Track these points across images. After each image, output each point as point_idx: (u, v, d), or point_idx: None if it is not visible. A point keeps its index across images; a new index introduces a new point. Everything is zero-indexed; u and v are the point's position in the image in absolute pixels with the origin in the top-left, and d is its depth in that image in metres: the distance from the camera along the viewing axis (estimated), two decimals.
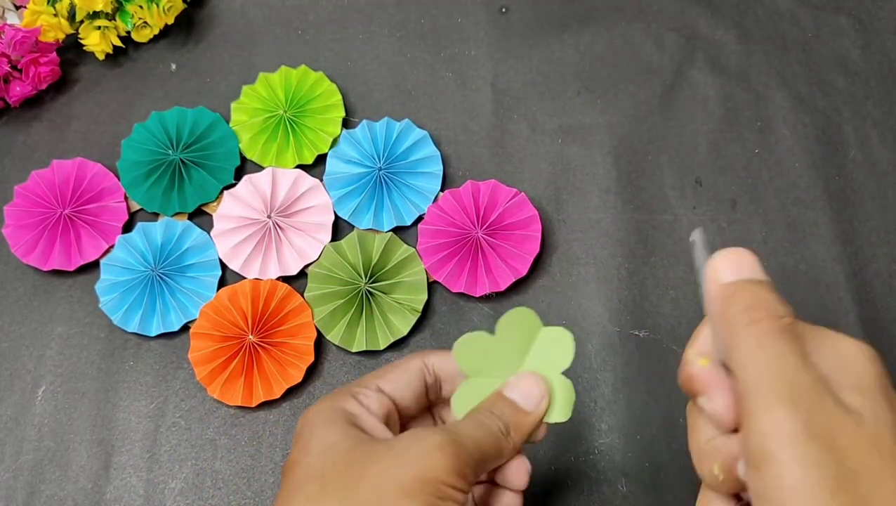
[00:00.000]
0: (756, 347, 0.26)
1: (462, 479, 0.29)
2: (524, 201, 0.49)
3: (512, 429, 0.32)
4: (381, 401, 0.33)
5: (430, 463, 0.28)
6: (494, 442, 0.31)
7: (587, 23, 0.57)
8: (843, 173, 0.52)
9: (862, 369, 0.27)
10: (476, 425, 0.31)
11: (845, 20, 0.56)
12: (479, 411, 0.32)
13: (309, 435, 0.31)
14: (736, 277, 0.28)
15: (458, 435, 0.30)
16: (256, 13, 0.57)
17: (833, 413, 0.25)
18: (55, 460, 0.46)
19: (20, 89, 0.53)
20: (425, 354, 0.34)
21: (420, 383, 0.34)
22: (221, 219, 0.50)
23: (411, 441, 0.29)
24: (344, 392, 0.32)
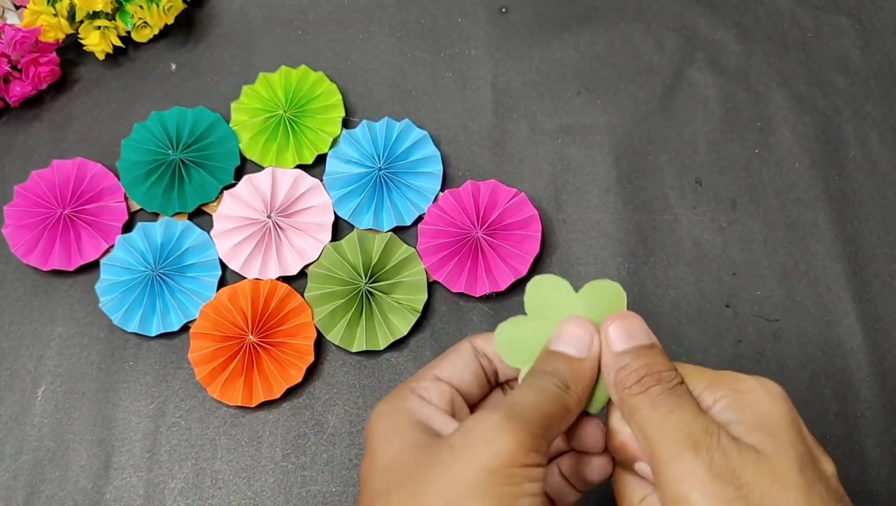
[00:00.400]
0: (650, 410, 0.28)
1: (534, 452, 0.27)
2: (524, 201, 0.49)
3: (571, 382, 0.30)
4: (441, 389, 0.31)
5: (493, 451, 0.26)
6: (557, 402, 0.29)
7: (587, 23, 0.57)
8: (843, 173, 0.52)
9: (766, 408, 0.28)
10: (532, 389, 0.29)
11: (845, 20, 0.56)
12: (531, 375, 0.30)
13: (373, 448, 0.29)
14: (625, 344, 0.30)
15: (516, 407, 0.28)
16: (256, 13, 0.57)
17: (732, 452, 0.27)
18: (55, 460, 0.46)
19: (20, 89, 0.53)
20: (472, 339, 0.33)
21: (476, 364, 0.33)
22: (221, 219, 0.50)
23: (468, 430, 0.27)
24: (402, 389, 0.31)
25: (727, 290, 0.49)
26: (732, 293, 0.49)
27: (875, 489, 0.45)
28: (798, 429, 0.28)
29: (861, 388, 0.47)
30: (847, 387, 0.47)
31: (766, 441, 0.27)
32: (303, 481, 0.46)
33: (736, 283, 0.50)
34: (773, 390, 0.29)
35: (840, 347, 0.48)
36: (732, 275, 0.50)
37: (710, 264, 0.50)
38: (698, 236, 0.51)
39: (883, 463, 0.45)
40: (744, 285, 0.49)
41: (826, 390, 0.47)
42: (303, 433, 0.47)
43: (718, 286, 0.50)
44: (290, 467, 0.46)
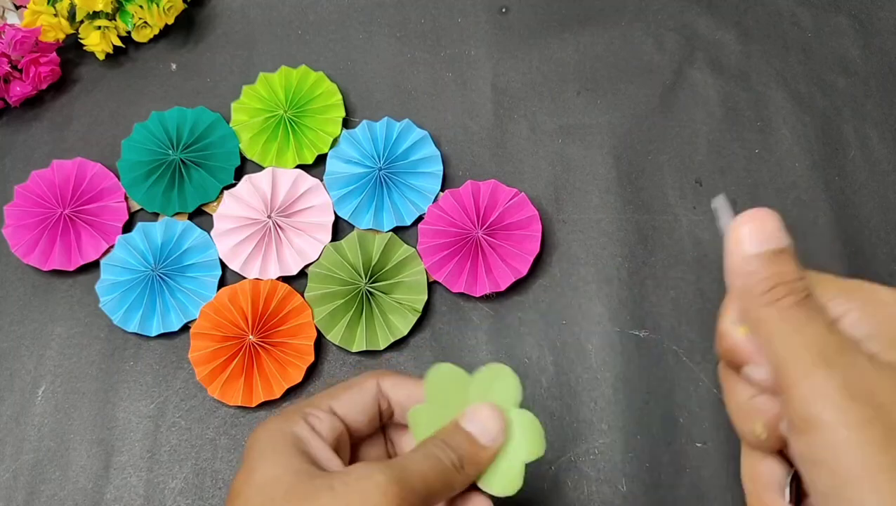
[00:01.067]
0: (780, 322, 0.27)
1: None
2: (524, 201, 0.49)
3: (466, 463, 0.31)
4: (333, 424, 0.32)
5: (370, 502, 0.27)
6: (445, 476, 0.30)
7: (587, 23, 0.57)
8: (843, 173, 0.52)
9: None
10: (426, 457, 0.30)
11: (845, 20, 0.56)
12: (432, 442, 0.31)
13: (253, 462, 0.30)
14: (757, 248, 0.28)
15: (404, 471, 0.28)
16: (256, 13, 0.57)
17: (869, 371, 0.25)
18: (55, 460, 0.46)
19: (20, 89, 0.53)
20: (380, 376, 0.34)
21: (374, 405, 0.33)
22: (221, 219, 0.50)
23: (353, 480, 0.28)
24: (295, 412, 0.32)
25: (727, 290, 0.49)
26: None
27: None
28: None
29: None
30: None
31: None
32: None
33: None
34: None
35: None
36: None
37: (711, 264, 0.50)
38: (698, 236, 0.51)
39: None
40: None
41: None
42: None
43: (719, 286, 0.49)
44: None
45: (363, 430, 0.33)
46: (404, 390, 0.33)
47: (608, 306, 0.49)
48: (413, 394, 0.33)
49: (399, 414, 0.34)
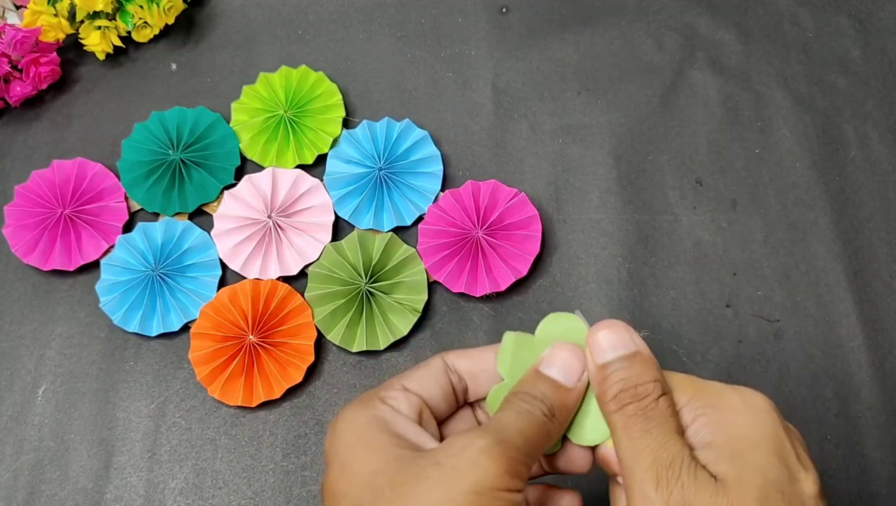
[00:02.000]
0: (622, 431, 0.28)
1: (516, 477, 0.27)
2: (524, 201, 0.49)
3: (556, 409, 0.29)
4: (410, 400, 0.31)
5: (479, 473, 0.26)
6: (540, 428, 0.29)
7: (587, 22, 0.57)
8: (843, 173, 0.52)
9: (743, 427, 0.28)
10: (519, 413, 0.29)
11: (846, 20, 0.56)
12: (518, 396, 0.30)
13: (346, 456, 0.29)
14: (607, 355, 0.30)
15: (503, 432, 0.28)
16: (257, 13, 0.57)
17: (690, 487, 0.26)
18: (55, 460, 0.46)
19: (20, 89, 0.53)
20: (445, 355, 0.33)
21: (446, 380, 0.32)
22: (222, 219, 0.50)
23: (457, 450, 0.27)
24: (371, 397, 0.31)
25: (727, 290, 0.49)
26: (733, 293, 0.49)
27: (875, 490, 0.45)
28: (777, 447, 0.28)
29: (861, 388, 0.47)
30: (847, 387, 0.47)
31: (731, 470, 0.27)
32: (303, 481, 0.46)
33: (736, 283, 0.50)
34: (755, 405, 0.29)
35: (840, 347, 0.48)
36: (733, 275, 0.50)
37: (711, 264, 0.50)
38: (699, 236, 0.51)
39: (883, 464, 0.45)
40: (744, 286, 0.49)
41: (826, 390, 0.47)
42: (303, 433, 0.47)
43: (719, 286, 0.50)
44: (290, 467, 0.46)
45: (441, 407, 0.32)
46: (467, 359, 0.32)
47: (608, 306, 0.49)
48: (478, 361, 0.32)
49: (473, 387, 0.33)
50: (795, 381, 0.47)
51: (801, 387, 0.47)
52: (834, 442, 0.46)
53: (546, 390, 0.30)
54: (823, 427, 0.46)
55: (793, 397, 0.47)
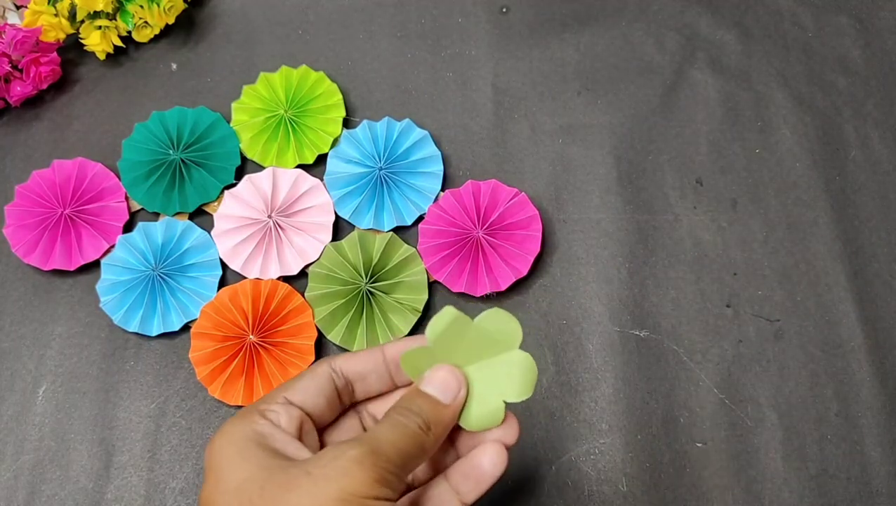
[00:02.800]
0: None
1: (386, 487, 0.28)
2: (525, 201, 0.49)
3: (432, 424, 0.31)
4: (291, 414, 0.31)
5: (348, 480, 0.27)
6: (415, 441, 0.30)
7: (588, 22, 0.57)
8: (843, 173, 0.52)
9: None
10: (393, 426, 0.30)
11: (846, 20, 0.56)
12: (395, 411, 0.31)
13: (220, 468, 0.29)
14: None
15: (375, 442, 0.29)
16: (257, 13, 0.57)
17: None
18: (56, 460, 0.46)
19: (21, 89, 0.53)
20: (331, 360, 0.33)
21: (330, 387, 0.33)
22: (222, 219, 0.50)
23: (329, 460, 0.28)
24: (250, 411, 0.31)
25: (728, 290, 0.49)
26: (733, 293, 0.49)
27: (875, 489, 0.45)
28: None
29: (861, 388, 0.47)
30: (848, 387, 0.47)
31: None
32: None
33: (736, 283, 0.50)
34: None
35: (841, 347, 0.48)
36: (733, 275, 0.50)
37: (711, 264, 0.50)
38: (699, 236, 0.51)
39: (883, 463, 0.46)
40: (744, 285, 0.49)
41: (827, 390, 0.47)
42: None
43: (719, 286, 0.50)
44: None
45: (325, 415, 0.33)
46: (356, 361, 0.33)
47: (608, 306, 0.49)
48: (367, 362, 0.33)
49: (361, 388, 0.34)
50: (795, 380, 0.47)
51: (802, 387, 0.47)
52: (834, 442, 0.46)
53: (423, 405, 0.31)
54: (823, 427, 0.46)
55: (793, 397, 0.47)
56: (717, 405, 0.47)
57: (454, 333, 0.33)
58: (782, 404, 0.47)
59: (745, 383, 0.47)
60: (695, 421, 0.46)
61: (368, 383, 0.34)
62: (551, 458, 0.46)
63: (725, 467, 0.45)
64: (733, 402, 0.47)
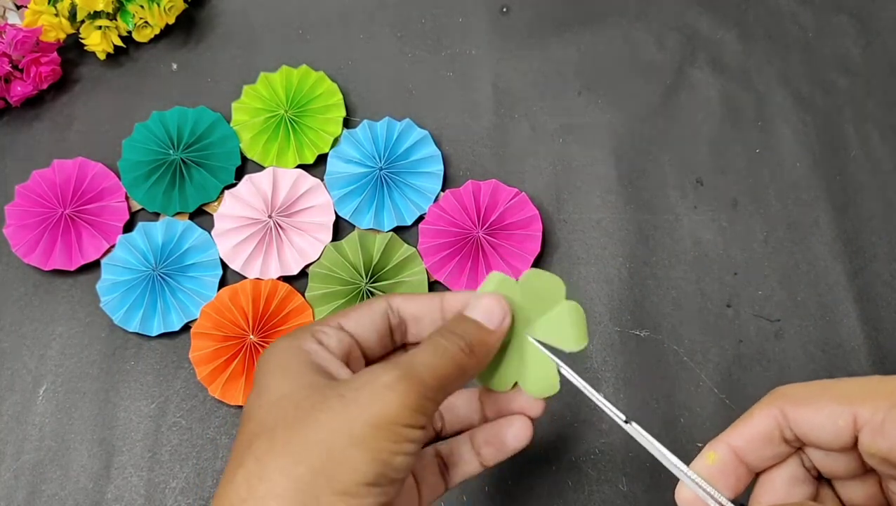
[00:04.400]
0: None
1: (420, 413, 0.28)
2: (525, 201, 0.49)
3: (475, 347, 0.31)
4: (341, 338, 0.32)
5: (380, 406, 0.27)
6: (455, 363, 0.30)
7: (588, 22, 0.57)
8: (844, 173, 0.52)
9: None
10: (434, 347, 0.30)
11: (846, 19, 0.56)
12: (438, 333, 0.31)
13: (263, 381, 0.30)
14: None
15: (411, 367, 0.28)
16: (257, 13, 0.57)
17: None
18: (56, 460, 0.46)
19: (21, 89, 0.53)
20: (389, 297, 0.34)
21: (384, 322, 0.33)
22: (222, 219, 0.50)
23: (362, 383, 0.28)
24: (302, 330, 0.32)
25: (728, 290, 0.49)
26: (733, 293, 0.49)
27: None
28: None
29: None
30: None
31: None
32: None
33: (737, 282, 0.50)
34: None
35: (841, 347, 0.48)
36: (734, 275, 0.50)
37: (712, 264, 0.50)
38: (699, 236, 0.51)
39: None
40: (745, 285, 0.49)
41: None
42: None
43: (719, 286, 0.49)
44: None
45: (375, 348, 0.33)
46: (415, 303, 0.33)
47: (609, 306, 0.49)
48: (424, 306, 0.33)
49: (415, 330, 0.34)
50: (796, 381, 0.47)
51: None
52: None
53: (468, 328, 0.31)
54: None
55: None
56: (717, 405, 0.47)
57: (505, 289, 0.33)
58: None
59: (746, 383, 0.47)
60: (695, 421, 0.46)
61: (422, 326, 0.33)
62: (551, 458, 0.45)
63: None
64: (734, 402, 0.47)
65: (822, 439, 0.27)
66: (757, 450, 0.28)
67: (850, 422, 0.26)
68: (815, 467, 0.29)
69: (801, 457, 0.29)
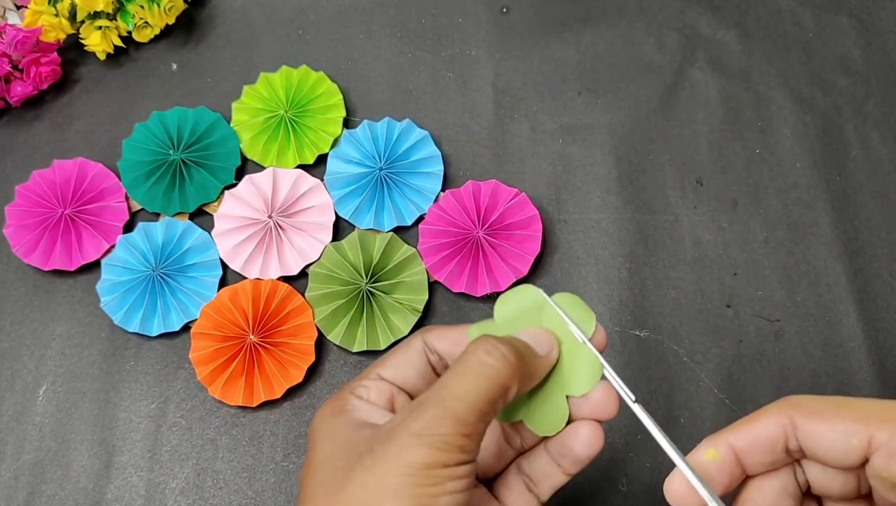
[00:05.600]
0: None
1: (458, 452, 0.26)
2: (525, 201, 0.49)
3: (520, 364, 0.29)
4: (381, 388, 0.31)
5: (412, 456, 0.26)
6: (497, 383, 0.27)
7: (588, 22, 0.57)
8: (844, 173, 0.52)
9: None
10: (467, 370, 0.28)
11: (846, 20, 0.56)
12: (481, 345, 0.29)
13: (310, 447, 0.29)
14: None
15: (443, 404, 0.26)
16: (257, 13, 0.57)
17: None
18: (56, 460, 0.46)
19: (21, 89, 0.53)
20: (424, 331, 0.32)
21: (423, 359, 0.32)
22: (222, 219, 0.50)
23: (392, 429, 0.27)
24: (344, 391, 0.31)
25: (728, 290, 0.49)
26: (733, 293, 0.49)
27: None
28: None
29: (862, 388, 0.47)
30: (848, 387, 0.47)
31: None
32: None
33: (737, 283, 0.50)
34: None
35: (841, 347, 0.48)
36: (733, 275, 0.50)
37: (711, 264, 0.50)
38: (699, 236, 0.51)
39: None
40: (745, 285, 0.49)
41: (827, 390, 0.47)
42: (304, 433, 0.47)
43: (719, 286, 0.50)
44: (291, 467, 0.46)
45: (419, 385, 0.32)
46: (446, 341, 0.32)
47: (609, 306, 0.49)
48: (457, 343, 0.31)
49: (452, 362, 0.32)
50: (796, 381, 0.47)
51: (802, 387, 0.47)
52: None
53: (514, 343, 0.29)
54: None
55: None
56: (717, 406, 0.47)
57: (525, 310, 0.31)
58: None
59: (746, 383, 0.47)
60: (695, 421, 0.46)
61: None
62: None
63: None
64: (734, 402, 0.47)
65: (831, 455, 0.26)
66: (757, 455, 0.28)
67: (864, 442, 0.26)
68: (807, 482, 0.29)
69: (795, 469, 0.29)
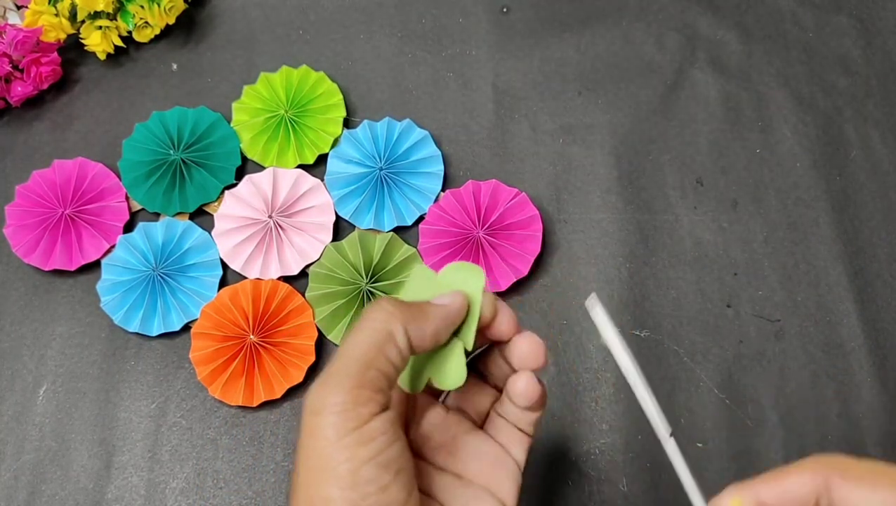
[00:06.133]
0: None
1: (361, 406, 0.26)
2: (525, 201, 0.49)
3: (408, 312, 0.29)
4: None
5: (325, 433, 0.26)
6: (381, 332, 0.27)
7: (588, 22, 0.57)
8: (844, 173, 0.52)
9: None
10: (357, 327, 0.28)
11: (846, 20, 0.56)
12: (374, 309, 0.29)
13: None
14: None
15: (336, 364, 0.27)
16: (257, 13, 0.57)
17: None
18: (56, 460, 0.46)
19: (21, 89, 0.53)
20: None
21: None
22: (222, 219, 0.50)
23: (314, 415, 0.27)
24: None
25: (728, 290, 0.49)
26: (733, 293, 0.49)
27: None
28: None
29: (862, 388, 0.47)
30: (848, 387, 0.47)
31: None
32: None
33: (737, 283, 0.50)
34: None
35: (841, 347, 0.48)
36: (734, 275, 0.50)
37: (712, 264, 0.50)
38: (699, 236, 0.51)
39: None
40: (745, 285, 0.49)
41: (827, 390, 0.47)
42: None
43: (720, 286, 0.50)
44: (291, 467, 0.46)
45: None
46: None
47: (609, 306, 0.49)
48: None
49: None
50: (796, 381, 0.47)
51: (802, 387, 0.47)
52: (835, 442, 0.46)
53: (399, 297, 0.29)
54: (824, 427, 0.46)
55: (793, 397, 0.47)
56: (717, 406, 0.47)
57: (422, 288, 0.31)
58: (783, 404, 0.47)
59: (746, 383, 0.47)
60: (695, 421, 0.46)
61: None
62: (551, 458, 0.45)
63: (726, 468, 0.45)
64: (734, 402, 0.47)
65: None
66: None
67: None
68: None
69: None
